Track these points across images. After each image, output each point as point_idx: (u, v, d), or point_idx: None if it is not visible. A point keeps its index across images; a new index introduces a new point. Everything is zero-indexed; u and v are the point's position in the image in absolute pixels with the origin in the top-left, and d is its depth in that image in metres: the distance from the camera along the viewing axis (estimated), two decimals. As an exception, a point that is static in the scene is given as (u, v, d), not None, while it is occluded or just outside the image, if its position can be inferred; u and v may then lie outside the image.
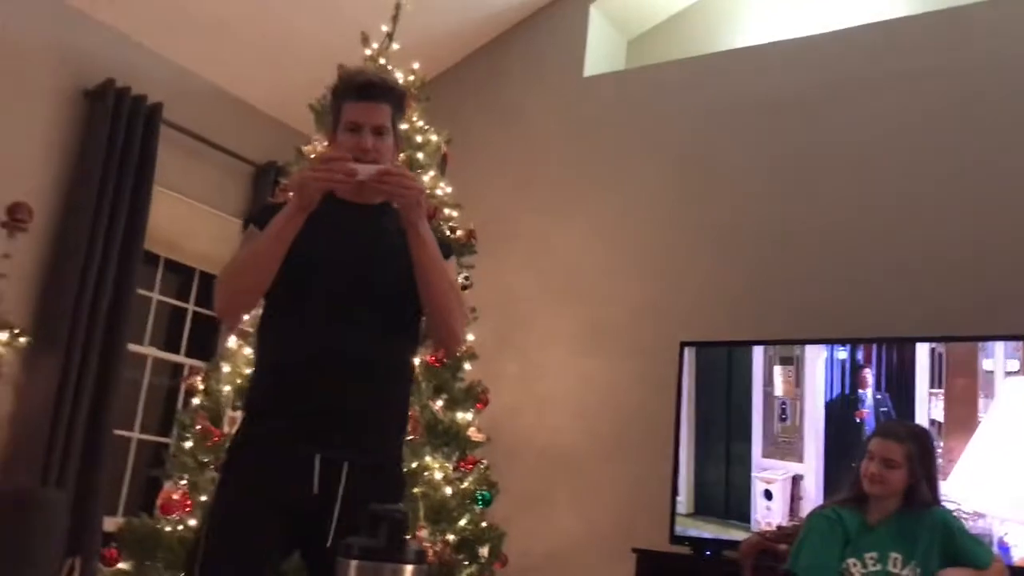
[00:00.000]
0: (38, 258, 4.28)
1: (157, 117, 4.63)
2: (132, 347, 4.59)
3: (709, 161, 4.70)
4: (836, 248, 4.26)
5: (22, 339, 3.90)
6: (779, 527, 3.60)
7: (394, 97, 2.02)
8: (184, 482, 3.43)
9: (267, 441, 1.89)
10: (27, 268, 4.21)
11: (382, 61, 4.03)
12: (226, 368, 3.55)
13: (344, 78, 2.08)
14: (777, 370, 3.96)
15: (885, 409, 3.71)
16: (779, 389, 3.94)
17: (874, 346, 3.81)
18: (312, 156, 3.85)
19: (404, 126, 3.58)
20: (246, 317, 1.97)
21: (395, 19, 4.11)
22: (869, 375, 3.79)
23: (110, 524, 4.17)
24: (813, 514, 2.91)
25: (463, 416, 3.80)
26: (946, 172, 4.12)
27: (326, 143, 2.11)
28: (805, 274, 4.29)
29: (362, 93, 1.98)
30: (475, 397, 3.88)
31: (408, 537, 1.29)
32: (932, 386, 3.65)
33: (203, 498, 3.31)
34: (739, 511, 3.92)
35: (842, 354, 3.86)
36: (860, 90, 4.40)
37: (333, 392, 1.87)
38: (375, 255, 1.97)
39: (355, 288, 1.93)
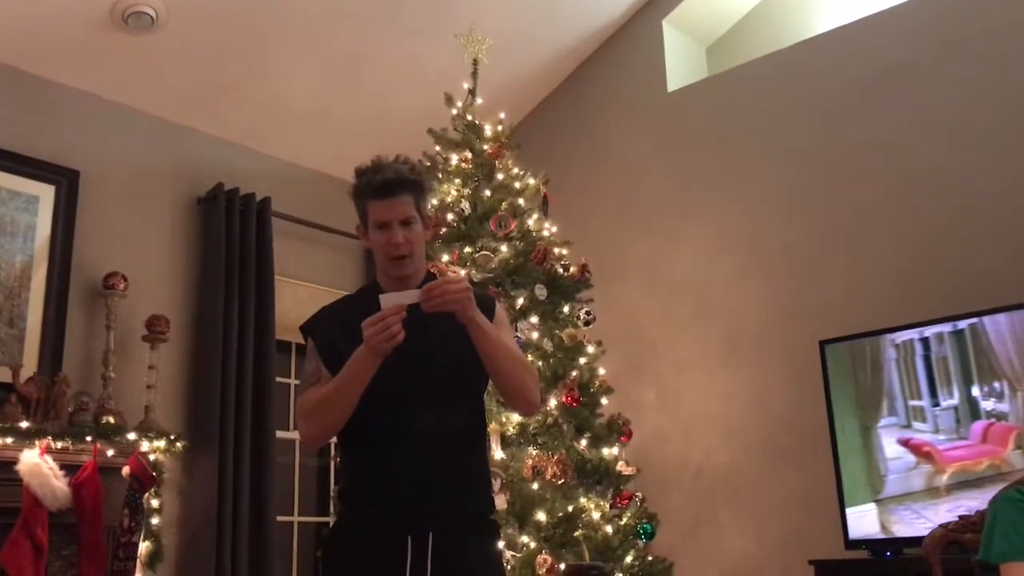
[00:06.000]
0: (180, 364, 4.49)
1: (267, 211, 4.82)
2: (280, 434, 4.72)
3: (812, 150, 4.56)
4: (973, 211, 4.05)
5: (179, 444, 4.04)
6: (961, 517, 3.40)
7: (414, 186, 2.10)
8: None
9: (362, 531, 2.00)
10: (172, 376, 4.42)
11: (469, 117, 4.10)
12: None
13: (362, 178, 2.12)
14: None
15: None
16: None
17: None
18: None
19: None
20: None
21: (474, 75, 4.19)
22: None
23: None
24: (997, 498, 2.73)
25: (609, 452, 3.76)
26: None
27: (360, 238, 2.20)
28: (932, 249, 4.10)
29: (382, 192, 2.07)
30: (618, 431, 3.85)
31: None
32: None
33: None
34: None
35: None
36: (969, 44, 4.20)
37: (419, 474, 1.97)
38: (434, 349, 2.04)
39: (423, 383, 2.03)
